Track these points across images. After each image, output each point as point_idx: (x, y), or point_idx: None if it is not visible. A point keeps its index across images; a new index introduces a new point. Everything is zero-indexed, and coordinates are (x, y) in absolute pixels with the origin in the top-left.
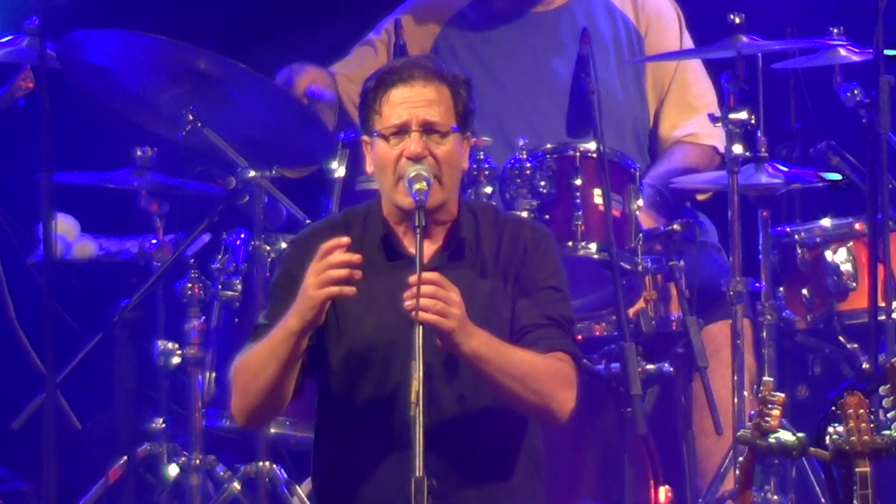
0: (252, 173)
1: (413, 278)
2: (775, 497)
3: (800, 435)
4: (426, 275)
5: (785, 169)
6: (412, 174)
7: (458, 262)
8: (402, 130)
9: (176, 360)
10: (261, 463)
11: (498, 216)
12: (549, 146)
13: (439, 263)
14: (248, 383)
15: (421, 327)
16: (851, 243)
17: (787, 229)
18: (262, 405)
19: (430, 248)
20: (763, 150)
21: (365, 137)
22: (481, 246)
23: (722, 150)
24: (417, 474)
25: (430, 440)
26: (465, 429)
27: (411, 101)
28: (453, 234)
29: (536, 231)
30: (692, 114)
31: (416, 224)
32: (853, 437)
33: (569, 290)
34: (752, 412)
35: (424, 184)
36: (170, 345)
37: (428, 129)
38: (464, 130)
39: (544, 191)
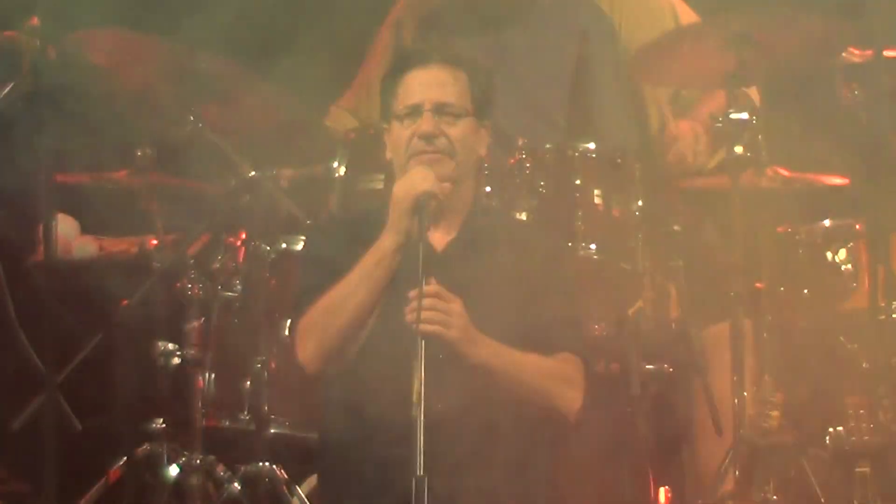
0: (252, 173)
1: (413, 292)
2: (775, 497)
3: (800, 435)
4: (426, 288)
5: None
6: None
7: (472, 254)
8: (415, 111)
9: (176, 360)
10: (261, 463)
11: (509, 218)
12: (548, 146)
13: (454, 253)
14: (329, 323)
15: None
16: (852, 244)
17: (788, 229)
18: (340, 344)
19: (444, 238)
20: (763, 149)
21: (385, 125)
22: (493, 244)
23: None
24: (418, 474)
25: (439, 440)
26: (475, 430)
27: (425, 83)
28: (468, 225)
29: (546, 233)
30: None
31: (419, 223)
32: (853, 437)
33: (576, 291)
34: (752, 413)
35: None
36: (170, 345)
37: (440, 109)
38: (480, 118)
39: (544, 191)
